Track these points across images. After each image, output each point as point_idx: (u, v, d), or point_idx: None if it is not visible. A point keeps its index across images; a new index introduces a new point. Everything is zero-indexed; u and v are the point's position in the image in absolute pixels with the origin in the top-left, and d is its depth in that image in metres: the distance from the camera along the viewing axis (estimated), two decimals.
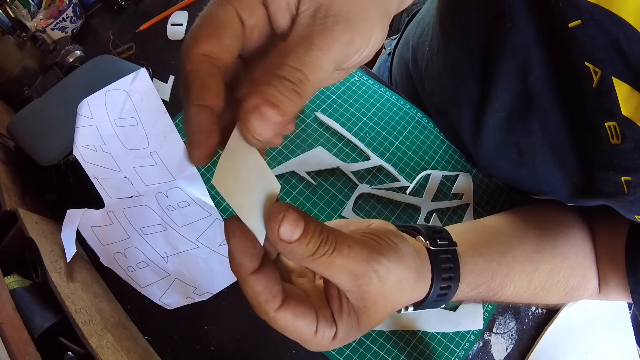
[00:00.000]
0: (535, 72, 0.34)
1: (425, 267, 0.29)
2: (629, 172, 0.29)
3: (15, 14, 0.56)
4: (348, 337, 0.24)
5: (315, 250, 0.20)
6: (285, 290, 0.22)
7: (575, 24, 0.27)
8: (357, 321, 0.24)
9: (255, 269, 0.20)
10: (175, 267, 0.44)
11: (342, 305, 0.23)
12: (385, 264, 0.23)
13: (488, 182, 0.50)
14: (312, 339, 0.22)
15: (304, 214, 0.20)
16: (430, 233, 0.31)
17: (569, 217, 0.40)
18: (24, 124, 0.45)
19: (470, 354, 0.42)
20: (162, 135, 0.48)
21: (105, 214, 0.45)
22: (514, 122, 0.39)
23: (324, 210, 0.47)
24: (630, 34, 0.25)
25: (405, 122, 0.53)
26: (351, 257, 0.22)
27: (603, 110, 0.29)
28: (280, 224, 0.19)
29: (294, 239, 0.20)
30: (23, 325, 0.30)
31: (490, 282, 0.34)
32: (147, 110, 0.47)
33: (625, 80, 0.26)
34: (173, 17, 0.60)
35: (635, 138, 0.27)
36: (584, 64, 0.28)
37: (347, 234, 0.23)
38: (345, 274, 0.22)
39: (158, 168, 0.48)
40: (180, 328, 0.42)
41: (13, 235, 0.37)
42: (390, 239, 0.25)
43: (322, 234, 0.20)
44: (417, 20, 0.61)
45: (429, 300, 0.29)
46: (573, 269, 0.37)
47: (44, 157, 0.44)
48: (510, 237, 0.37)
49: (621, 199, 0.31)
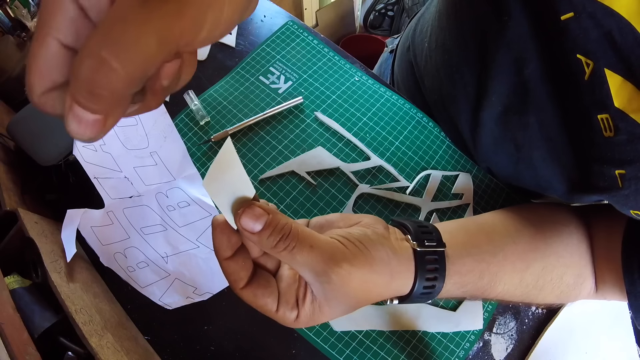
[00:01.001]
0: (531, 66, 0.34)
1: (405, 267, 0.30)
2: (622, 165, 0.29)
3: (15, 14, 0.56)
4: (311, 320, 0.28)
5: (276, 243, 0.25)
6: (256, 275, 0.27)
7: (568, 16, 0.27)
8: (319, 310, 0.27)
9: (228, 256, 0.26)
10: (175, 267, 0.44)
11: (306, 294, 0.27)
12: (346, 267, 0.26)
13: (488, 182, 0.50)
14: (274, 315, 0.27)
15: (274, 211, 0.25)
16: (419, 234, 0.32)
17: (565, 216, 0.40)
18: (24, 124, 0.45)
19: (470, 354, 0.42)
20: (162, 135, 0.48)
21: (105, 214, 0.45)
22: (510, 116, 0.39)
23: (324, 210, 0.47)
24: (623, 26, 0.25)
25: (405, 122, 0.53)
26: (311, 257, 0.25)
27: (596, 102, 0.29)
28: (240, 217, 0.24)
29: (256, 230, 0.24)
30: (23, 325, 0.30)
31: (478, 281, 0.34)
32: None
33: (617, 71, 0.27)
34: None
35: (628, 130, 0.27)
36: (576, 57, 0.28)
37: (316, 234, 0.27)
38: (306, 269, 0.26)
39: (158, 168, 0.48)
40: (180, 328, 0.42)
41: (13, 235, 0.37)
42: (363, 244, 0.28)
43: (283, 230, 0.25)
44: (417, 18, 0.61)
45: (413, 296, 0.31)
46: (567, 268, 0.37)
47: (44, 157, 0.44)
48: (502, 236, 0.37)
49: (616, 193, 0.31)
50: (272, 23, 0.60)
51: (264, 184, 0.48)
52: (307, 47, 0.58)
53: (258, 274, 0.28)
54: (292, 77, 0.55)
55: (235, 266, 0.26)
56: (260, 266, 0.29)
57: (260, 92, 0.54)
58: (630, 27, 0.25)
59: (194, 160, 0.49)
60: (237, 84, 0.55)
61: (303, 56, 0.57)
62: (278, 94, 0.54)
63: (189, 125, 0.52)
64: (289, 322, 0.28)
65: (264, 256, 0.29)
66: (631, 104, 0.27)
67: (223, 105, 0.53)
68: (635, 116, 0.27)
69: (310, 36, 0.59)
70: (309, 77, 0.55)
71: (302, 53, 0.57)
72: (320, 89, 0.54)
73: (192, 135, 0.51)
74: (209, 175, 0.22)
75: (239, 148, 0.50)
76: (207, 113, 0.52)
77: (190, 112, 0.52)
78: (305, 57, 0.57)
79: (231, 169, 0.24)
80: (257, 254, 0.29)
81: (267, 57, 0.56)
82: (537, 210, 0.42)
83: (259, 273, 0.28)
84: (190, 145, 0.50)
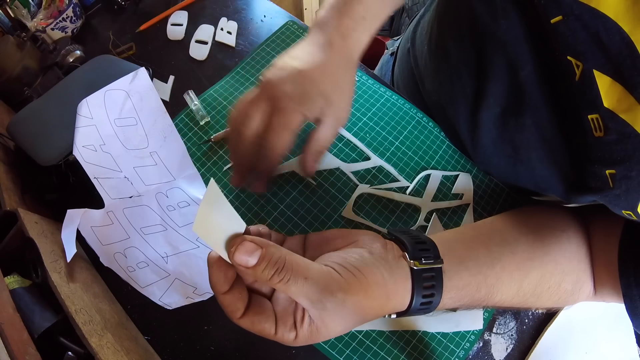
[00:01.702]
0: (526, 68, 0.35)
1: (402, 285, 0.31)
2: (613, 165, 0.30)
3: (15, 14, 0.56)
4: (310, 340, 0.28)
5: (271, 277, 0.26)
6: (251, 303, 0.29)
7: (557, 19, 0.28)
8: (317, 331, 0.28)
9: (225, 291, 0.27)
10: (175, 267, 0.44)
11: (303, 317, 0.28)
12: (340, 296, 0.27)
13: (488, 182, 0.50)
14: (274, 337, 0.28)
15: (267, 244, 0.26)
16: (416, 251, 0.32)
17: (564, 220, 0.40)
18: (24, 124, 0.45)
19: (470, 354, 0.42)
20: (161, 135, 0.48)
21: (105, 214, 0.45)
22: (508, 117, 0.40)
23: (324, 211, 0.47)
24: (610, 27, 0.26)
25: (405, 122, 0.53)
26: (306, 288, 0.26)
27: (586, 103, 0.29)
28: (233, 254, 0.25)
29: (250, 265, 0.26)
30: (23, 325, 0.30)
31: (475, 293, 0.34)
32: (147, 110, 0.47)
33: (606, 72, 0.27)
34: (173, 17, 0.60)
35: (618, 130, 0.28)
36: (567, 58, 0.29)
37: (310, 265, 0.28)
38: (301, 298, 0.27)
39: (158, 168, 0.48)
40: (180, 328, 0.42)
41: (13, 235, 0.37)
42: (359, 270, 0.29)
43: (277, 264, 0.26)
44: (417, 19, 0.62)
45: (411, 311, 0.31)
46: (566, 275, 0.37)
47: (44, 157, 0.44)
48: (500, 247, 0.37)
49: (608, 193, 0.31)
50: (272, 23, 0.60)
51: None
52: None
53: (253, 301, 0.29)
54: None
55: (232, 298, 0.27)
56: (255, 291, 0.30)
57: None
58: (618, 28, 0.25)
59: (194, 160, 0.49)
60: (237, 84, 0.55)
61: None
62: None
63: (189, 125, 0.52)
64: (288, 342, 0.28)
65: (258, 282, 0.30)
66: (620, 104, 0.27)
67: (223, 106, 0.53)
68: (624, 116, 0.27)
69: None
70: None
71: None
72: None
73: (192, 135, 0.51)
74: (197, 218, 0.23)
75: None
76: (207, 113, 0.52)
77: (190, 112, 0.52)
78: None
79: (218, 208, 0.25)
80: (252, 280, 0.30)
81: (267, 57, 0.56)
82: (536, 215, 0.41)
83: (254, 300, 0.29)
84: (190, 145, 0.50)
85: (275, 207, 0.47)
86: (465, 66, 0.43)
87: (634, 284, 0.33)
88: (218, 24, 0.60)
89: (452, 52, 0.45)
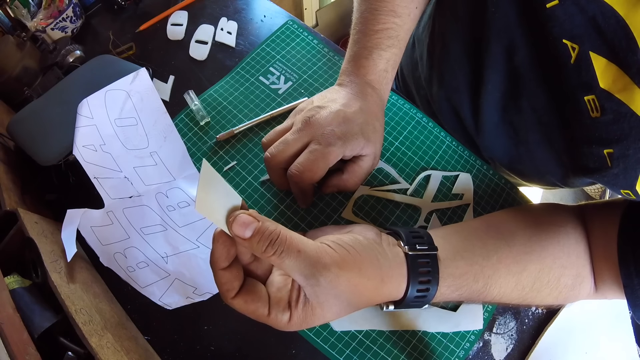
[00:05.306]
0: (520, 53, 0.36)
1: (397, 271, 0.31)
2: (610, 144, 0.30)
3: (15, 14, 0.56)
4: (304, 323, 0.29)
5: (265, 248, 0.26)
6: (246, 285, 0.29)
7: (554, 4, 0.29)
8: (312, 312, 0.29)
9: (224, 267, 0.28)
10: (175, 267, 0.44)
11: (299, 297, 0.29)
12: (334, 270, 0.28)
13: (488, 182, 0.50)
14: (267, 319, 0.29)
15: (263, 219, 0.27)
16: (410, 238, 0.33)
17: (561, 217, 0.40)
18: (24, 124, 0.45)
19: (470, 354, 0.42)
20: (162, 135, 0.48)
21: (105, 214, 0.45)
22: (507, 101, 0.42)
23: (323, 211, 0.47)
24: (606, 11, 0.27)
25: (405, 122, 0.53)
26: (299, 261, 0.27)
27: (582, 84, 0.30)
28: (231, 224, 0.26)
29: (247, 236, 0.26)
30: (23, 325, 0.30)
31: (473, 284, 0.34)
32: (147, 110, 0.47)
33: (601, 54, 0.28)
34: (173, 17, 0.60)
35: (614, 109, 0.29)
36: (562, 42, 0.30)
37: (304, 240, 0.28)
38: (296, 273, 0.27)
39: (158, 168, 0.48)
40: (180, 328, 0.42)
41: (13, 235, 0.37)
42: (353, 248, 0.30)
43: (271, 236, 0.27)
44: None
45: (407, 300, 0.32)
46: (565, 269, 0.37)
47: (44, 157, 0.44)
48: (496, 240, 0.37)
49: (606, 173, 0.32)
50: (272, 23, 0.60)
51: (265, 185, 0.48)
52: (307, 47, 0.58)
53: (247, 282, 0.30)
54: (292, 77, 0.55)
55: (230, 276, 0.28)
56: (251, 274, 0.31)
57: (261, 93, 0.54)
58: (613, 12, 0.26)
59: (194, 160, 0.49)
60: (237, 84, 0.55)
61: (303, 56, 0.57)
62: (278, 94, 0.54)
63: (189, 125, 0.52)
64: (282, 325, 0.29)
65: (254, 263, 0.31)
66: (616, 84, 0.28)
67: (223, 106, 0.53)
68: (620, 96, 0.28)
69: (310, 36, 0.59)
70: (309, 78, 0.55)
71: (302, 53, 0.57)
72: (320, 89, 0.54)
73: (192, 135, 0.51)
74: (198, 199, 0.24)
75: (239, 148, 0.50)
76: (207, 113, 0.52)
77: (190, 112, 0.52)
78: (305, 57, 0.57)
79: (215, 186, 0.26)
80: (248, 260, 0.30)
81: (267, 57, 0.57)
82: (533, 212, 0.42)
83: (247, 282, 0.30)
84: (190, 145, 0.50)
85: (275, 208, 0.47)
86: (465, 55, 0.45)
87: (634, 274, 0.34)
88: (218, 24, 0.60)
89: (452, 43, 0.47)
